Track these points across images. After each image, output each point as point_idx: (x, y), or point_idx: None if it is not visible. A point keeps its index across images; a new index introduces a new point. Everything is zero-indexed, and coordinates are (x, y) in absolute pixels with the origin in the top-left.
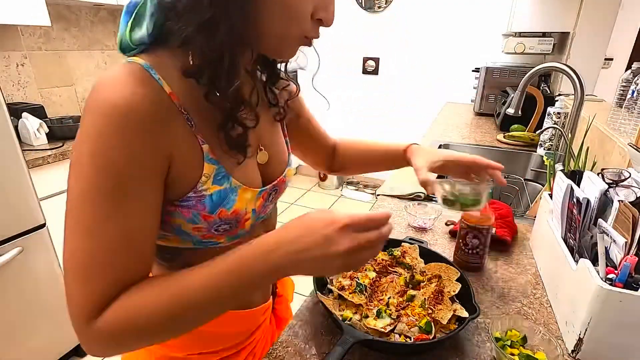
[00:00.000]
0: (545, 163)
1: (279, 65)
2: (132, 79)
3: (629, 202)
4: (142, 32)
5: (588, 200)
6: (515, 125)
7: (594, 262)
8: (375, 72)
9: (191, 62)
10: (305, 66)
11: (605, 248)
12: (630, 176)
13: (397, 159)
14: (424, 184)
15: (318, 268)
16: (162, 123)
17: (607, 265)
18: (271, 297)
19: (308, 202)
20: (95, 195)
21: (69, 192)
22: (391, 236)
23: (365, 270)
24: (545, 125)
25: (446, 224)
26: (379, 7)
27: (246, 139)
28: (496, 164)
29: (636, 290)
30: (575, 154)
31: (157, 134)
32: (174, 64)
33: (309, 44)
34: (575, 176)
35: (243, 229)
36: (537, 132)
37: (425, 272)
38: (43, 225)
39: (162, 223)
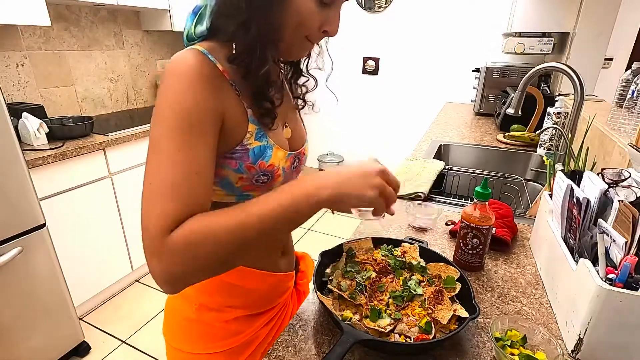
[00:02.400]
0: (545, 163)
1: (301, 65)
2: (196, 56)
3: (629, 202)
4: (202, 27)
5: (588, 200)
6: (515, 125)
7: (594, 262)
8: (375, 72)
9: (234, 52)
10: (322, 67)
11: (605, 248)
12: (630, 176)
13: None
14: None
15: (359, 185)
16: (219, 86)
17: (607, 265)
18: (294, 271)
19: None
20: (172, 132)
21: (150, 133)
22: (391, 236)
23: (366, 270)
24: (545, 125)
25: (446, 224)
26: (379, 7)
27: (273, 112)
28: None
29: (636, 290)
30: (575, 154)
31: (216, 92)
32: (222, 51)
33: (311, 47)
34: (575, 176)
35: (275, 184)
36: (537, 132)
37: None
38: (43, 225)
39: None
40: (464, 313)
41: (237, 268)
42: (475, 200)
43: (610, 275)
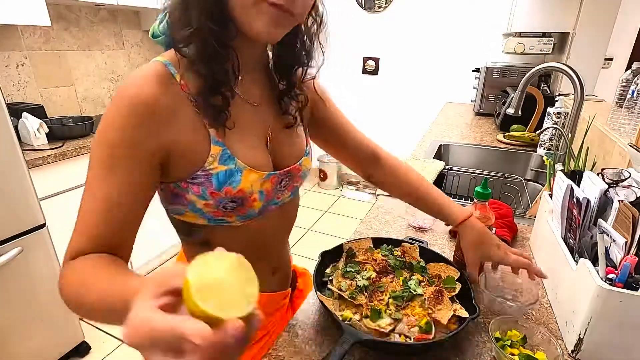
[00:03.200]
0: (545, 163)
1: (297, 74)
2: (151, 77)
3: (629, 202)
4: (164, 23)
5: (588, 200)
6: (515, 125)
7: (594, 262)
8: (375, 72)
9: (178, 39)
10: (317, 69)
11: (605, 248)
12: (630, 176)
13: (448, 223)
14: (472, 280)
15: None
16: (165, 117)
17: (607, 265)
18: (290, 289)
19: (308, 202)
20: (94, 163)
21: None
22: (391, 236)
23: (366, 270)
24: (545, 125)
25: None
26: (379, 7)
27: (222, 108)
28: (540, 271)
29: (636, 290)
30: (575, 154)
31: (155, 126)
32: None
33: (281, 13)
34: (575, 176)
35: (252, 209)
36: (537, 132)
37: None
38: (43, 225)
39: (178, 198)
40: (464, 313)
41: None
42: (475, 200)
43: (610, 275)
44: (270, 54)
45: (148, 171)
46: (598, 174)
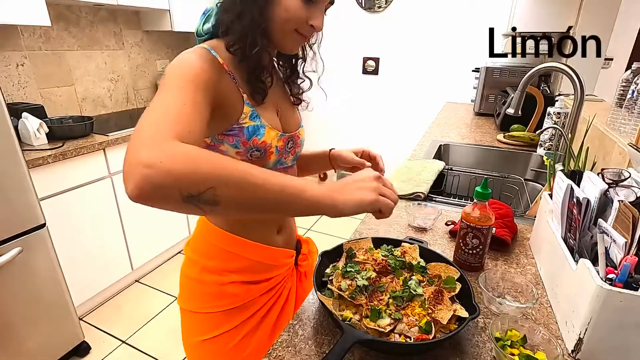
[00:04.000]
0: (545, 163)
1: (298, 67)
2: (201, 49)
3: (629, 202)
4: (208, 25)
5: (588, 200)
6: (515, 125)
7: (594, 262)
8: (375, 72)
9: (231, 41)
10: (315, 69)
11: (605, 248)
12: (630, 176)
13: (323, 161)
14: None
15: (356, 188)
16: (219, 72)
17: (607, 265)
18: (295, 252)
19: None
20: (179, 81)
21: (158, 91)
22: (391, 236)
23: (365, 270)
24: (545, 125)
25: (446, 224)
26: (379, 7)
27: (265, 90)
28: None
29: (636, 290)
30: (575, 154)
31: (217, 75)
32: (223, 47)
33: (303, 40)
34: (575, 176)
35: (268, 161)
36: (537, 132)
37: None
38: (43, 225)
39: (212, 149)
40: (464, 313)
41: (234, 238)
42: (475, 200)
43: (610, 275)
44: None
45: (212, 103)
46: (598, 174)
